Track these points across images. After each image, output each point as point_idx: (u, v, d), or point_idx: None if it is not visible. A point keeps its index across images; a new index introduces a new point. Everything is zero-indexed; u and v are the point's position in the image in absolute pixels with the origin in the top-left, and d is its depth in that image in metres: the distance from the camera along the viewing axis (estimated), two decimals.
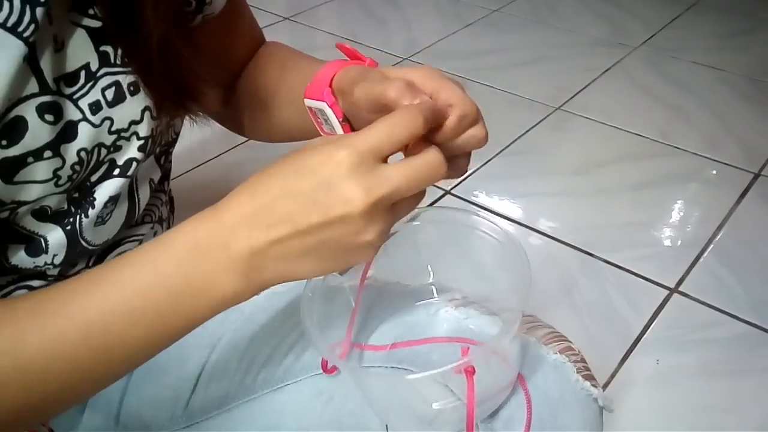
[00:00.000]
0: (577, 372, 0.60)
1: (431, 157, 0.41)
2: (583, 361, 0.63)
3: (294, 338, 0.65)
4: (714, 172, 1.47)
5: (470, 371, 0.48)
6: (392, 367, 0.63)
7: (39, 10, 0.41)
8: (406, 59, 1.89)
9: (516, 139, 1.57)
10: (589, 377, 0.61)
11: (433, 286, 0.67)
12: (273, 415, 0.62)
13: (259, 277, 0.41)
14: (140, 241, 0.59)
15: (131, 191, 0.54)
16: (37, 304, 0.40)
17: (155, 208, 0.61)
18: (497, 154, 1.52)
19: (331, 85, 0.52)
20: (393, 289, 0.67)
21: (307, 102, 0.54)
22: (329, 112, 0.53)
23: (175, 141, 0.59)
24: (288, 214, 0.39)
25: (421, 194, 0.43)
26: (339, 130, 0.54)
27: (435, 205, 1.37)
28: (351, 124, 0.53)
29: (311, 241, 0.40)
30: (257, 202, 0.40)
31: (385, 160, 0.40)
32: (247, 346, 0.65)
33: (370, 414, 0.59)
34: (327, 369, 0.61)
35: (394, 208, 0.41)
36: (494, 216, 1.35)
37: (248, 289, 0.41)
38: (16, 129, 0.43)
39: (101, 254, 0.56)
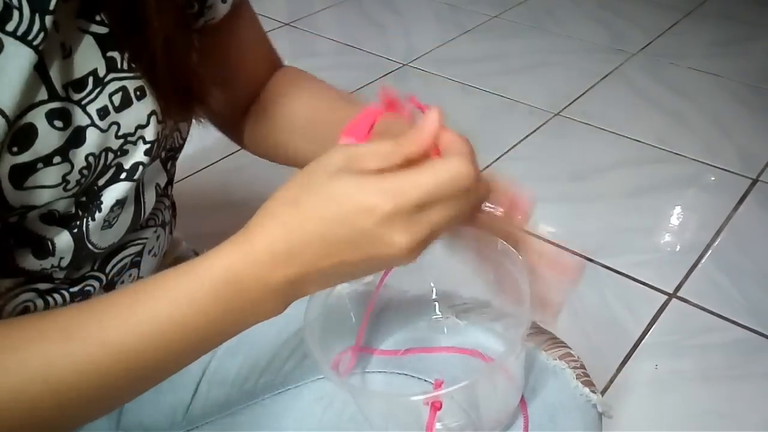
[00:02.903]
0: (577, 378, 0.60)
1: (484, 196, 0.42)
2: (582, 367, 0.63)
3: (294, 343, 0.65)
4: (712, 177, 1.48)
5: (436, 406, 0.49)
6: (393, 373, 0.64)
7: (48, 18, 0.41)
8: (406, 65, 1.90)
9: (515, 145, 1.58)
10: (589, 383, 0.61)
11: (436, 303, 0.67)
12: (273, 419, 0.63)
13: (295, 297, 0.43)
14: (143, 245, 0.59)
15: (138, 195, 0.55)
16: (70, 327, 0.41)
17: (159, 213, 0.61)
18: (496, 160, 1.52)
19: (370, 130, 0.52)
20: (397, 299, 0.67)
21: (344, 140, 0.54)
22: None
23: (182, 146, 0.60)
24: (326, 253, 0.40)
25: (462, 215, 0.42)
26: None
27: None
28: None
29: (349, 269, 0.41)
30: (292, 240, 0.40)
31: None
32: (248, 352, 0.65)
33: (369, 418, 0.59)
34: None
35: (433, 235, 0.41)
36: None
37: (283, 308, 0.43)
38: (27, 136, 0.43)
39: (106, 257, 0.56)
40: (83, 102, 0.46)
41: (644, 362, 1.08)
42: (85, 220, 0.50)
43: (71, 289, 0.54)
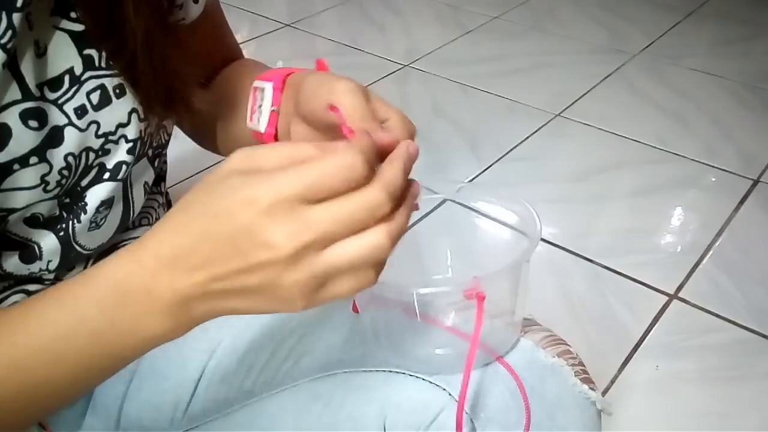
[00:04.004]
0: (575, 375, 0.60)
1: (372, 196, 0.36)
2: (581, 364, 0.63)
3: (292, 342, 0.65)
4: (713, 178, 1.48)
5: (481, 297, 0.47)
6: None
7: (16, 16, 0.40)
8: (407, 66, 1.90)
9: (516, 146, 1.57)
10: (588, 380, 0.61)
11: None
12: (271, 419, 0.62)
13: (188, 316, 0.39)
14: None
15: (125, 194, 0.54)
16: None
17: (152, 210, 0.61)
18: (497, 161, 1.52)
19: (286, 75, 0.51)
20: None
21: (255, 82, 0.53)
22: (268, 93, 0.51)
23: (167, 143, 0.59)
24: (207, 259, 0.37)
25: (378, 240, 0.37)
26: (265, 117, 0.52)
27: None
28: (277, 118, 0.52)
29: (232, 285, 0.37)
30: (177, 243, 0.37)
31: (319, 201, 0.36)
32: (246, 350, 0.65)
33: (367, 417, 0.59)
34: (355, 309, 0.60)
35: (331, 253, 0.36)
36: (494, 222, 1.35)
37: (178, 327, 0.39)
38: (0, 136, 0.42)
39: (98, 258, 0.56)
40: (60, 101, 0.46)
41: (645, 363, 1.08)
42: (70, 222, 0.50)
43: None
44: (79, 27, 0.46)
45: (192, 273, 0.37)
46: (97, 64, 0.48)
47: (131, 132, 0.50)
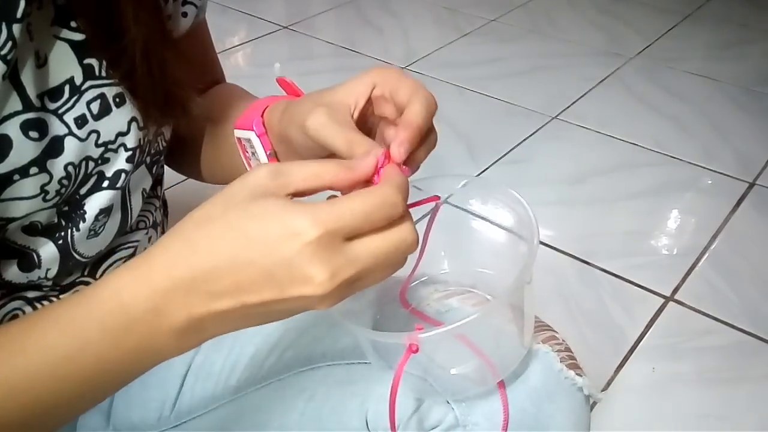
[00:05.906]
0: (561, 361, 0.58)
1: (405, 235, 0.38)
2: (567, 350, 0.60)
3: (277, 337, 0.64)
4: (709, 181, 1.48)
5: (412, 349, 0.47)
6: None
7: (16, 27, 0.40)
8: (405, 68, 1.90)
9: (513, 148, 1.58)
10: (574, 366, 0.59)
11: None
12: (257, 414, 0.62)
13: (197, 338, 0.39)
14: (135, 248, 0.59)
15: (123, 202, 0.54)
16: None
17: (149, 214, 0.61)
18: (494, 163, 1.53)
19: (262, 116, 0.52)
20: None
21: (236, 132, 0.54)
22: (257, 142, 0.52)
23: (165, 149, 0.59)
24: (235, 286, 0.36)
25: (391, 270, 0.39)
26: (265, 162, 0.52)
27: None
28: (278, 158, 0.53)
29: (258, 311, 0.37)
30: (195, 266, 0.36)
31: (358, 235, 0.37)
32: (231, 345, 0.65)
33: (350, 411, 0.59)
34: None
35: (365, 281, 0.38)
36: (490, 225, 1.35)
37: (185, 348, 0.39)
38: (0, 148, 0.42)
39: (96, 262, 0.56)
40: (60, 111, 0.46)
41: (641, 365, 1.08)
42: (69, 230, 0.50)
43: (62, 296, 0.54)
44: (79, 36, 0.46)
45: (213, 299, 0.36)
46: (97, 73, 0.48)
47: (131, 140, 0.50)
